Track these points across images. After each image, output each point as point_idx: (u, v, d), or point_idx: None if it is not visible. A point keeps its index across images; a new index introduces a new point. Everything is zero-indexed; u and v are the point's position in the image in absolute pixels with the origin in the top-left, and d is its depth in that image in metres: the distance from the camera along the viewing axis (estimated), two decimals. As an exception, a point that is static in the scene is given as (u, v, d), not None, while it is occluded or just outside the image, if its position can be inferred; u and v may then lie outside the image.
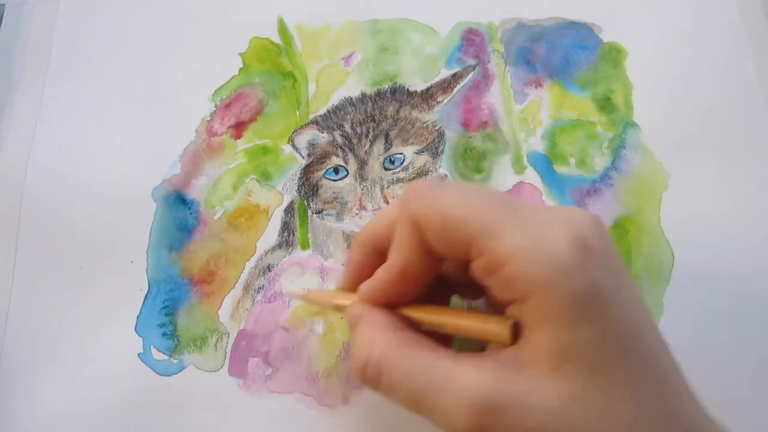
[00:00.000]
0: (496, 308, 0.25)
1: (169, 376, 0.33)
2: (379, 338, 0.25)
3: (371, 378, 0.24)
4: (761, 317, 0.33)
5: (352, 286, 0.28)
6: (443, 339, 0.26)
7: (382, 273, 0.26)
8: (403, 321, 0.26)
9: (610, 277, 0.22)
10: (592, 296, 0.21)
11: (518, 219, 0.23)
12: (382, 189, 0.36)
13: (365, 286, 0.27)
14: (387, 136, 0.37)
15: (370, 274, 0.27)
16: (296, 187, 0.37)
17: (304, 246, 0.35)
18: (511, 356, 0.22)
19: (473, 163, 0.37)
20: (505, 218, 0.23)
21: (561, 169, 0.37)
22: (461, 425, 0.22)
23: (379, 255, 0.27)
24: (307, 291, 0.32)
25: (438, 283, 0.27)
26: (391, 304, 0.26)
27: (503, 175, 0.37)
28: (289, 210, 0.36)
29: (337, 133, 0.38)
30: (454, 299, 0.30)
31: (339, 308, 0.29)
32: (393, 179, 0.36)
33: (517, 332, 0.23)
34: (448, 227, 0.23)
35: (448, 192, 0.24)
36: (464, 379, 0.22)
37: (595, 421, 0.21)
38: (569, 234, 0.22)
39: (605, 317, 0.21)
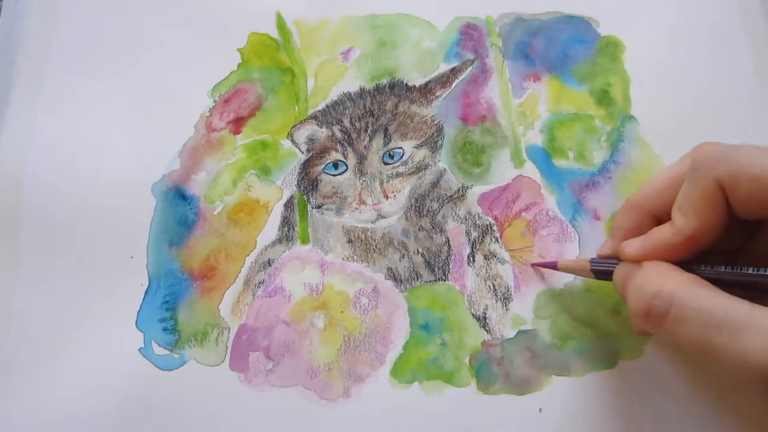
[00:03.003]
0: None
1: (171, 370, 0.33)
2: (672, 275, 0.24)
3: (657, 312, 0.24)
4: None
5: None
6: None
7: (667, 235, 0.25)
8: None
9: None
10: None
11: None
12: (381, 183, 0.36)
13: (639, 245, 0.26)
14: (386, 130, 0.37)
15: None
16: (296, 182, 0.37)
17: (304, 240, 0.35)
18: None
19: (472, 157, 0.37)
20: None
21: (560, 162, 0.37)
22: (765, 362, 0.21)
23: (653, 219, 0.27)
24: (559, 262, 0.32)
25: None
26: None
27: (502, 169, 0.37)
28: (288, 205, 0.36)
29: (336, 128, 0.38)
30: None
31: (600, 275, 0.29)
32: (392, 174, 0.36)
33: None
34: (764, 186, 0.23)
35: (749, 152, 0.24)
36: None
37: None
38: None
39: None
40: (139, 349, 0.33)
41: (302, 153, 0.37)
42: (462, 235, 0.35)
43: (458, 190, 0.36)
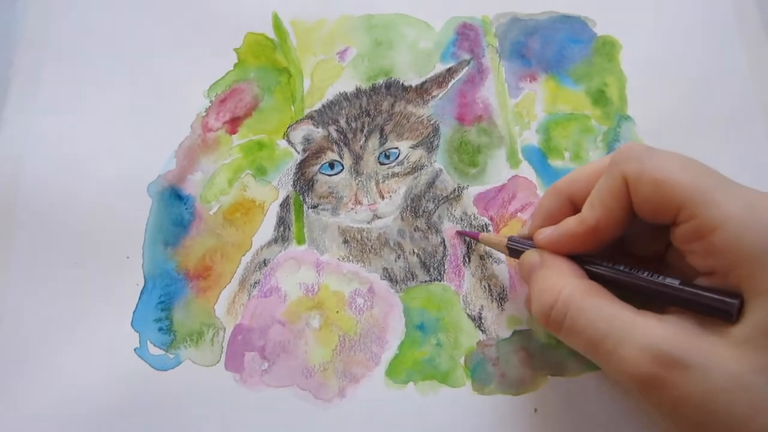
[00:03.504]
0: (679, 274, 0.25)
1: (166, 370, 0.33)
2: (566, 283, 0.25)
3: (554, 321, 0.25)
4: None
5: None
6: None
7: (573, 224, 0.27)
8: (583, 270, 0.27)
9: None
10: None
11: (733, 188, 0.23)
12: (377, 183, 0.36)
13: (548, 234, 0.28)
14: (382, 130, 0.37)
15: (559, 221, 0.27)
16: (291, 182, 0.37)
17: (300, 241, 0.35)
18: (697, 319, 0.23)
19: (468, 157, 0.37)
20: (720, 186, 0.23)
21: (556, 162, 0.37)
22: (638, 372, 0.22)
23: (571, 205, 0.28)
24: (481, 234, 0.33)
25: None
26: (570, 255, 0.27)
27: (498, 169, 0.37)
28: (284, 205, 0.36)
29: (332, 128, 0.38)
30: None
31: (513, 253, 0.30)
32: (388, 174, 0.36)
33: (741, 310, 0.22)
34: (662, 190, 0.24)
35: (663, 156, 0.24)
36: (647, 329, 0.23)
37: None
38: None
39: None
40: (135, 349, 0.33)
41: (298, 153, 0.37)
42: (457, 235, 0.35)
43: (454, 190, 0.36)
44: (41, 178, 0.37)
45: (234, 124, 0.38)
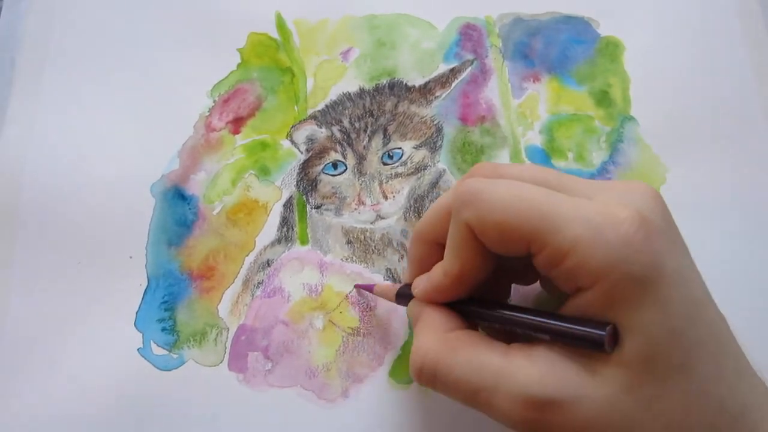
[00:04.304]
0: (555, 294, 0.25)
1: (169, 370, 0.33)
2: (432, 342, 0.25)
3: (427, 381, 0.25)
4: (759, 310, 0.33)
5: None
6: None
7: (439, 276, 0.26)
8: (458, 317, 0.26)
9: (671, 254, 0.22)
10: (655, 277, 0.21)
11: (574, 207, 0.22)
12: (380, 184, 0.36)
13: (422, 286, 0.27)
14: (385, 131, 0.37)
15: (432, 265, 0.27)
16: (295, 183, 0.37)
17: (303, 241, 0.35)
18: (569, 347, 0.23)
19: (471, 158, 0.37)
20: (561, 208, 0.22)
21: (559, 163, 0.37)
22: (516, 420, 0.22)
23: (439, 247, 0.27)
24: (375, 286, 0.32)
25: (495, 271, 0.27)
26: (450, 301, 0.27)
27: (501, 170, 0.37)
28: (287, 205, 0.36)
29: (335, 128, 0.38)
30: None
31: (402, 302, 0.29)
32: (391, 174, 0.36)
33: (616, 337, 0.22)
34: (505, 232, 0.23)
35: (498, 192, 0.24)
36: (516, 375, 0.23)
37: (645, 413, 0.21)
38: (629, 214, 0.22)
39: (666, 297, 0.21)
40: (138, 350, 0.33)
41: (301, 153, 0.37)
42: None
43: (457, 190, 0.36)
44: (44, 178, 0.37)
45: (237, 124, 0.38)
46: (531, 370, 0.23)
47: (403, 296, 0.29)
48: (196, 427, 0.32)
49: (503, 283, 0.29)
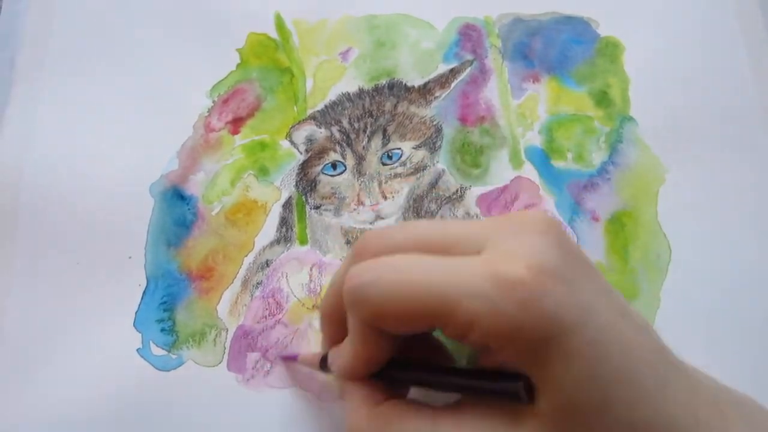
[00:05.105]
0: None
1: (168, 371, 0.33)
2: (363, 419, 0.25)
3: None
4: (759, 309, 0.33)
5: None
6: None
7: (349, 357, 0.26)
8: (382, 386, 0.26)
9: (571, 298, 0.21)
10: (556, 333, 0.20)
11: (467, 276, 0.22)
12: (380, 184, 0.36)
13: (337, 364, 0.27)
14: (385, 131, 0.37)
15: (345, 336, 0.26)
16: (294, 183, 0.37)
17: (303, 241, 0.35)
18: (496, 404, 0.23)
19: (471, 158, 0.37)
20: (451, 283, 0.22)
21: (558, 163, 0.37)
22: None
23: (345, 323, 0.26)
24: (299, 355, 0.32)
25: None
26: (367, 376, 0.26)
27: (501, 170, 0.37)
28: (287, 205, 0.36)
29: (334, 129, 0.38)
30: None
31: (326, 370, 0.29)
32: (391, 174, 0.36)
33: (532, 388, 0.22)
34: (402, 320, 0.23)
35: (386, 283, 0.23)
36: None
37: None
38: (520, 274, 0.21)
39: (571, 348, 0.21)
40: (137, 350, 0.33)
41: (301, 153, 0.37)
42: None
43: (457, 191, 0.36)
44: (43, 178, 0.37)
45: (236, 124, 0.38)
46: None
47: (326, 366, 0.28)
48: (195, 428, 0.32)
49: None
